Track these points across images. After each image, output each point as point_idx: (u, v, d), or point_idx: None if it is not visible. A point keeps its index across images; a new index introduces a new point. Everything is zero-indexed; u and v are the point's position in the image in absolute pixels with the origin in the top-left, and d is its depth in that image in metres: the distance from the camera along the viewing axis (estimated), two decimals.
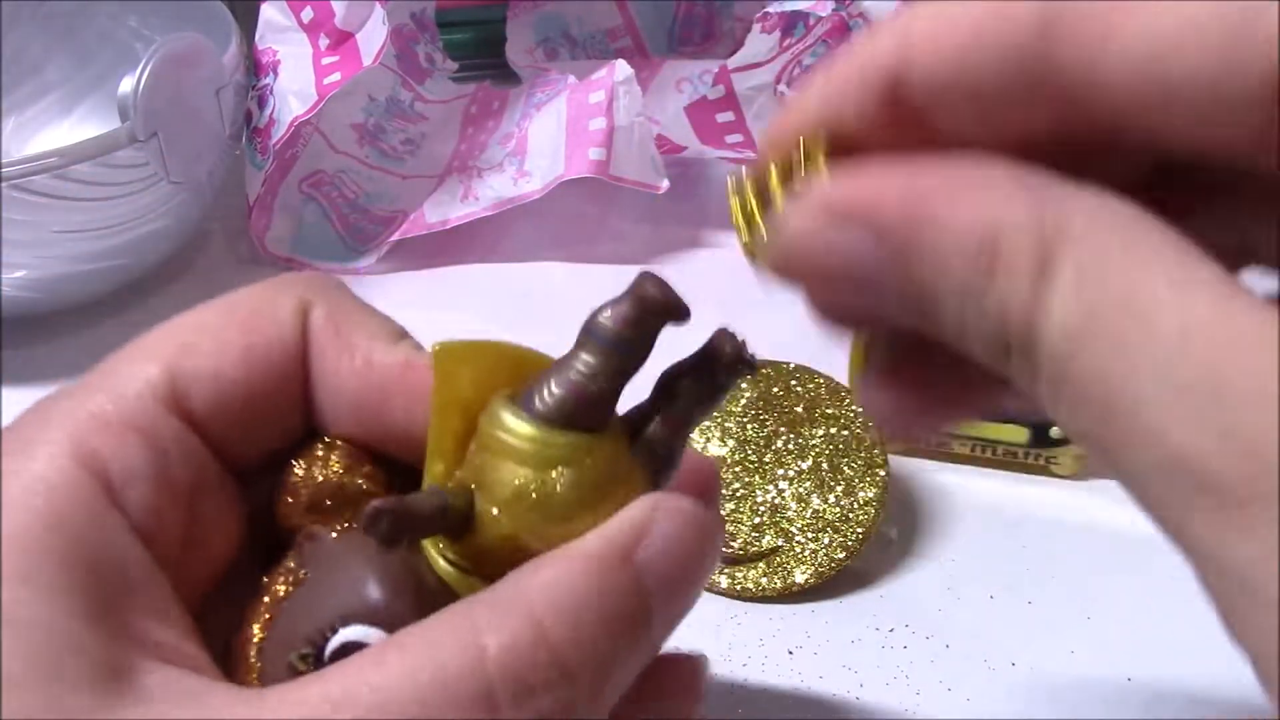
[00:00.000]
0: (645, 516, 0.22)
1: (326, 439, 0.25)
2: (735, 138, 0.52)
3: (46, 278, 0.46)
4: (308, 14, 0.53)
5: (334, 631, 0.22)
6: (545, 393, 0.22)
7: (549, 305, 0.50)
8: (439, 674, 0.19)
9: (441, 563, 0.23)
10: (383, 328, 0.25)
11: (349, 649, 0.22)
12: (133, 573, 0.21)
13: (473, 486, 0.22)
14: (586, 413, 0.22)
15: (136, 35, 0.57)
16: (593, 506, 0.22)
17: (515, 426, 0.22)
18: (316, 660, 0.22)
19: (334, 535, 0.24)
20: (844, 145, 0.20)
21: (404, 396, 0.24)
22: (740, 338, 0.23)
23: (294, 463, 0.25)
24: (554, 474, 0.21)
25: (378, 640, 0.21)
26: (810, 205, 0.19)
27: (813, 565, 0.37)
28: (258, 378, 0.24)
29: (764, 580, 0.37)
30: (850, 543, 0.37)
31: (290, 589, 0.24)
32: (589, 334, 0.22)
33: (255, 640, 0.23)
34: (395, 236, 0.52)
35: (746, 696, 0.34)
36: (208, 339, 0.24)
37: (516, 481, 0.21)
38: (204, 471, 0.24)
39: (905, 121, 0.19)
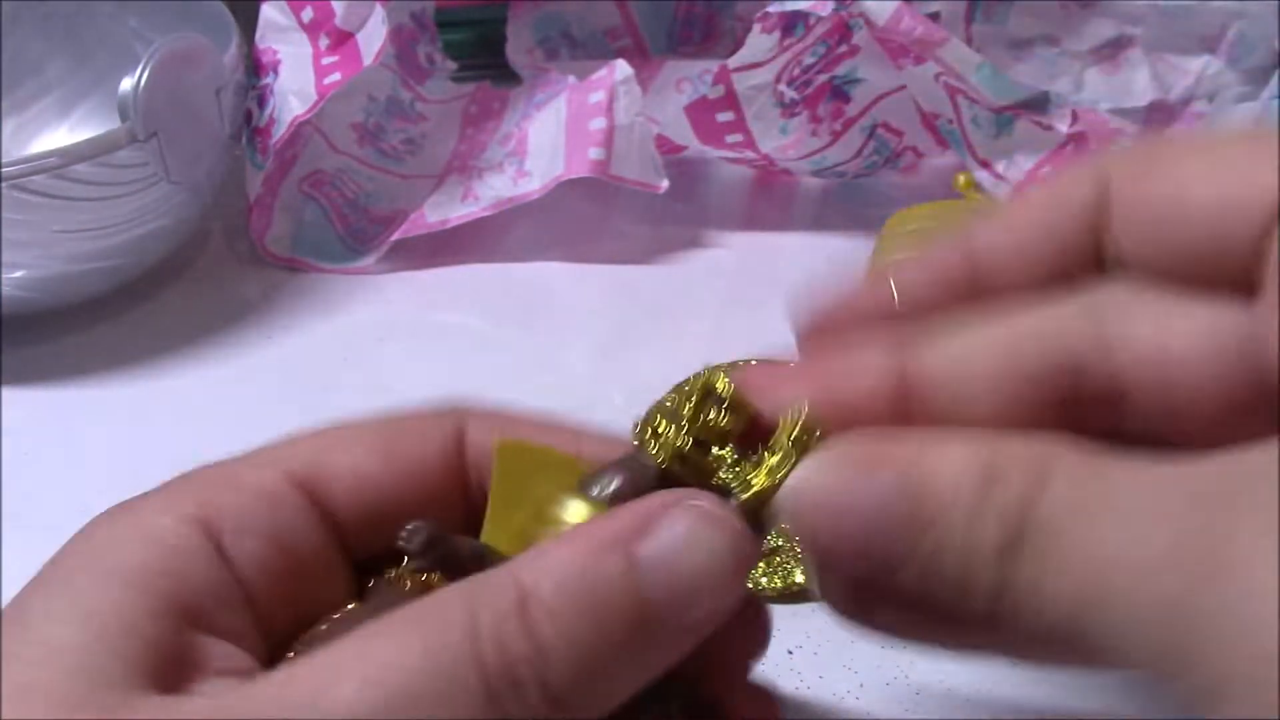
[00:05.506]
0: (652, 509, 0.21)
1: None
2: (735, 138, 0.52)
3: (46, 278, 0.46)
4: (308, 14, 0.53)
5: None
6: (605, 480, 0.22)
7: (549, 305, 0.50)
8: (434, 644, 0.19)
9: None
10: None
11: None
12: (216, 597, 0.22)
13: None
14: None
15: (136, 35, 0.56)
16: None
17: (576, 509, 0.22)
18: None
19: (394, 577, 0.24)
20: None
21: None
22: None
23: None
24: None
25: None
26: (842, 457, 0.21)
27: None
28: (396, 482, 0.24)
29: (764, 580, 0.37)
30: None
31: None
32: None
33: None
34: (395, 236, 0.52)
35: None
36: (356, 442, 0.25)
37: None
38: (321, 551, 0.24)
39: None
